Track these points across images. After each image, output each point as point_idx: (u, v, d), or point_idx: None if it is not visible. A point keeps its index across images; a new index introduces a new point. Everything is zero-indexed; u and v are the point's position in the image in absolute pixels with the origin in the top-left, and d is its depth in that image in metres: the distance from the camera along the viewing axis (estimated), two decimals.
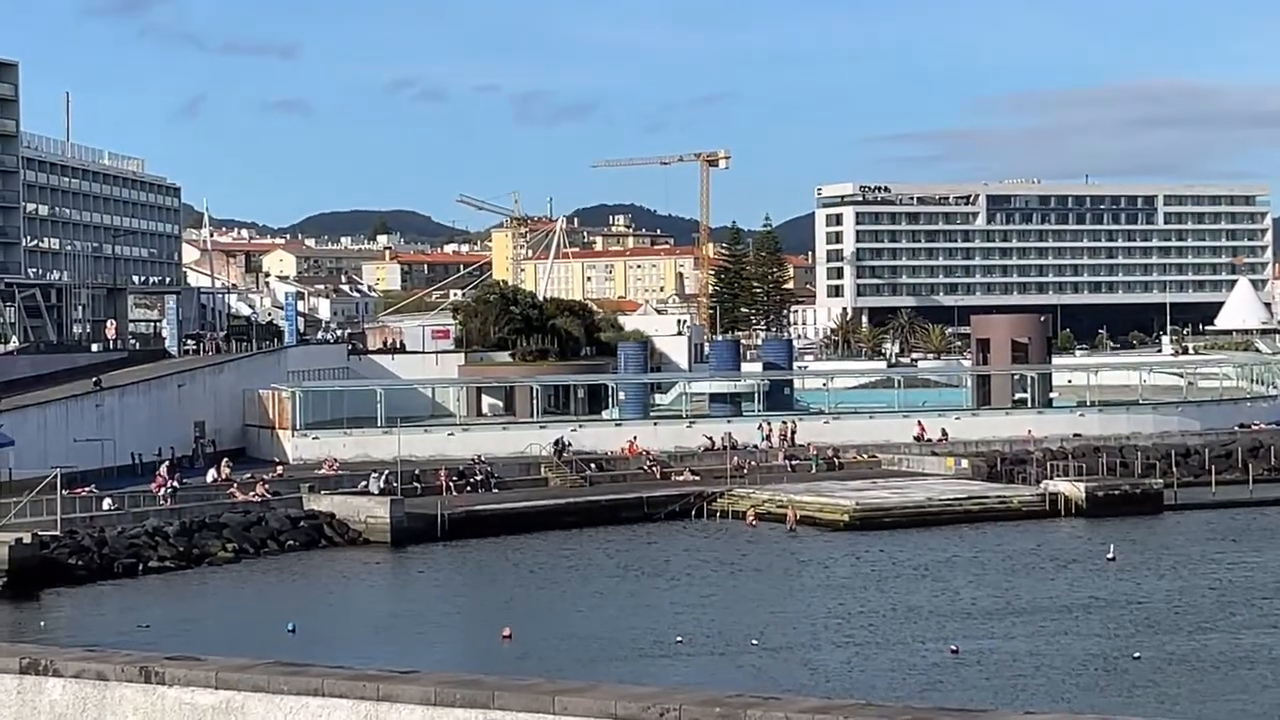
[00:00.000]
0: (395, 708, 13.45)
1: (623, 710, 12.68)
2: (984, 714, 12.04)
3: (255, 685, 13.98)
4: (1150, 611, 68.84)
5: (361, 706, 13.56)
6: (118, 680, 14.65)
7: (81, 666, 14.83)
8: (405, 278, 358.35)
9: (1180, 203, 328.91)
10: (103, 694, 14.76)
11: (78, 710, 14.86)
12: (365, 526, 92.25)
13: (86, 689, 14.82)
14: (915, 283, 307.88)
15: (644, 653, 61.99)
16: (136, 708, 14.57)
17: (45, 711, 15.02)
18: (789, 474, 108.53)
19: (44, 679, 15.00)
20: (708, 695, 12.72)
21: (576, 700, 12.86)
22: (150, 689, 14.48)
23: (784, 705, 12.43)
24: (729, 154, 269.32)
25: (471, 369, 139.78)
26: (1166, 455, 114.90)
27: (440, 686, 13.32)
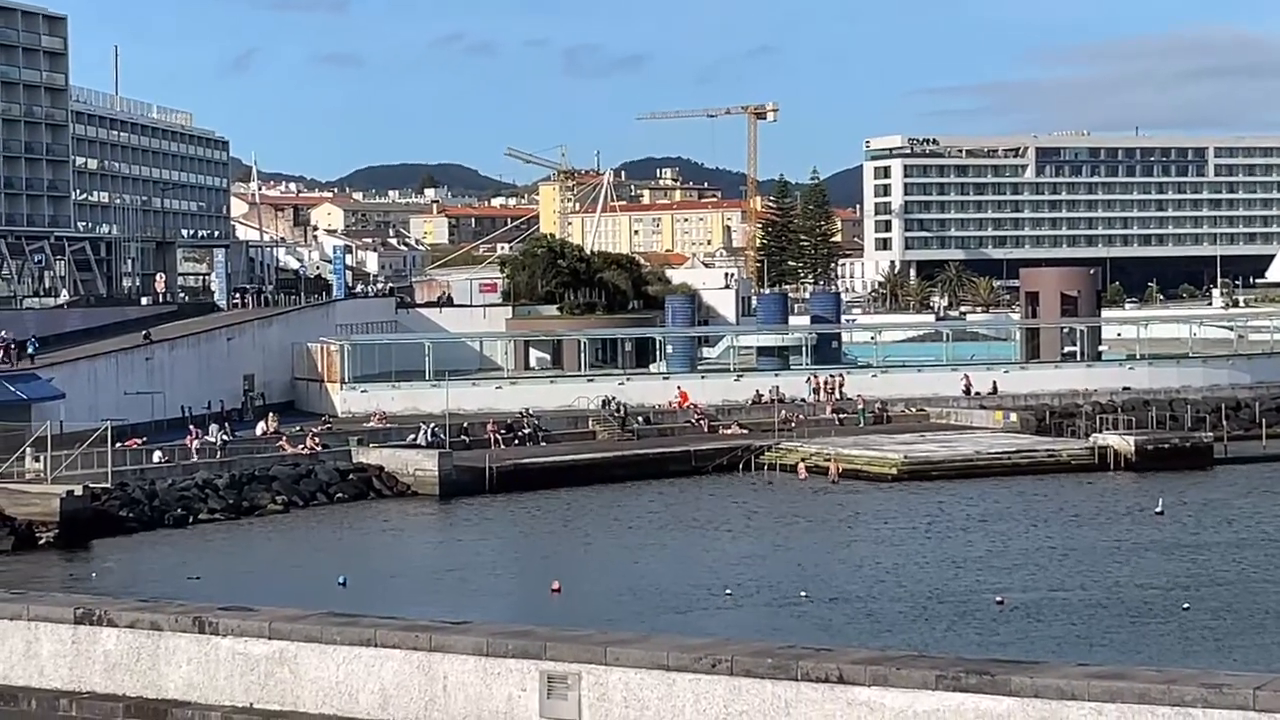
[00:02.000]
0: (448, 658, 13.52)
1: (674, 661, 12.72)
2: (1036, 665, 12.03)
3: (308, 636, 14.07)
4: (1199, 564, 68.59)
5: (414, 657, 13.64)
6: (171, 630, 14.75)
7: (135, 616, 14.92)
8: (452, 231, 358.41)
9: (1231, 154, 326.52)
10: (156, 644, 14.86)
11: (131, 660, 14.97)
12: (413, 479, 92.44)
13: (140, 639, 14.93)
14: (963, 236, 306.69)
15: (692, 605, 61.98)
16: (190, 658, 14.67)
17: (99, 661, 15.14)
18: (836, 427, 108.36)
19: (98, 629, 15.11)
20: (759, 646, 12.74)
21: (628, 651, 12.90)
22: (204, 639, 14.58)
23: (835, 656, 12.45)
24: (776, 106, 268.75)
25: (519, 322, 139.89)
26: (1216, 409, 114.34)
27: (493, 637, 13.38)
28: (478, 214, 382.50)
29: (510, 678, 13.48)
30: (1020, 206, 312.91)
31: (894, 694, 12.20)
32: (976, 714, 12.04)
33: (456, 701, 13.78)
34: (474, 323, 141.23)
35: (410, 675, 13.88)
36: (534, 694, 13.42)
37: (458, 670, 13.70)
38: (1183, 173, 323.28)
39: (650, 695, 13.00)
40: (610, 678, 13.09)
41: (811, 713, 12.51)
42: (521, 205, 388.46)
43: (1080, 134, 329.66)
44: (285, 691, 14.44)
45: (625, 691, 13.09)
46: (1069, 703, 11.70)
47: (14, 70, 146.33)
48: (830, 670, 12.32)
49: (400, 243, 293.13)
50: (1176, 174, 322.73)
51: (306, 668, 14.31)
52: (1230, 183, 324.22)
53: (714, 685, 12.74)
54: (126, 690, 15.18)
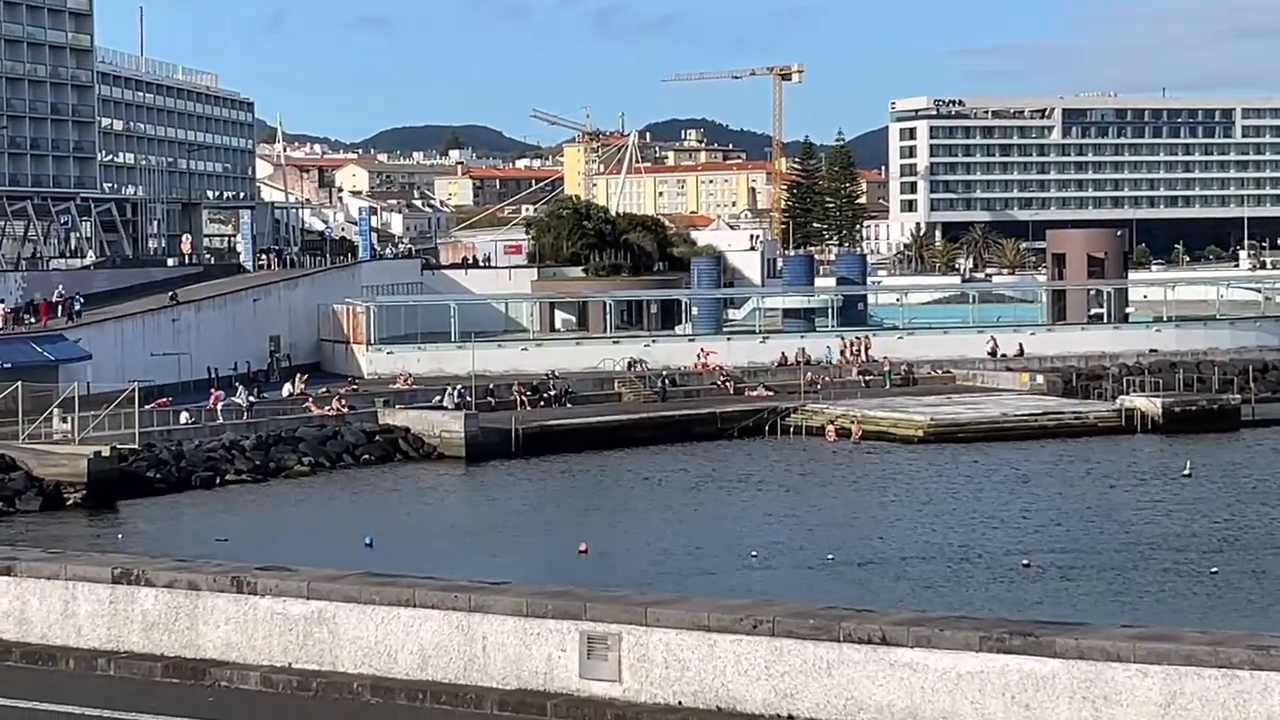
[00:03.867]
0: (487, 618, 13.46)
1: (715, 622, 12.66)
2: (1081, 627, 11.95)
3: (347, 596, 14.01)
4: (1227, 527, 68.45)
5: (453, 617, 13.58)
6: (210, 590, 14.71)
7: (173, 576, 14.88)
8: (477, 193, 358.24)
9: (1259, 116, 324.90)
10: (195, 604, 14.82)
11: (169, 620, 14.93)
12: (440, 441, 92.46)
13: (179, 598, 14.89)
14: (989, 197, 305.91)
15: (718, 568, 62.00)
16: (228, 617, 14.63)
17: (138, 621, 15.10)
18: (863, 389, 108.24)
19: (136, 589, 15.07)
20: (801, 607, 12.68)
21: (669, 612, 12.84)
22: (242, 599, 14.55)
23: (878, 617, 12.39)
24: (802, 68, 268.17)
25: (545, 284, 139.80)
26: (1244, 371, 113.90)
27: (532, 598, 13.32)
28: (502, 175, 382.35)
29: (550, 638, 13.42)
30: (1046, 168, 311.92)
31: (937, 655, 12.12)
32: (1021, 675, 11.95)
33: (495, 662, 13.72)
34: (499, 284, 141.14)
35: (449, 635, 13.82)
36: (574, 654, 13.36)
37: (497, 630, 13.64)
38: (1210, 134, 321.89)
39: (691, 656, 12.93)
40: (651, 638, 13.03)
41: (854, 674, 12.44)
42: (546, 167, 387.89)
43: (1107, 95, 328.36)
44: (324, 651, 14.38)
45: (666, 652, 13.03)
46: (1114, 664, 11.61)
47: (40, 31, 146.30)
48: (873, 631, 12.24)
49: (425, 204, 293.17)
50: (1203, 135, 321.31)
51: (345, 628, 14.25)
52: (1258, 144, 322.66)
53: (755, 646, 12.67)
54: (164, 650, 15.14)
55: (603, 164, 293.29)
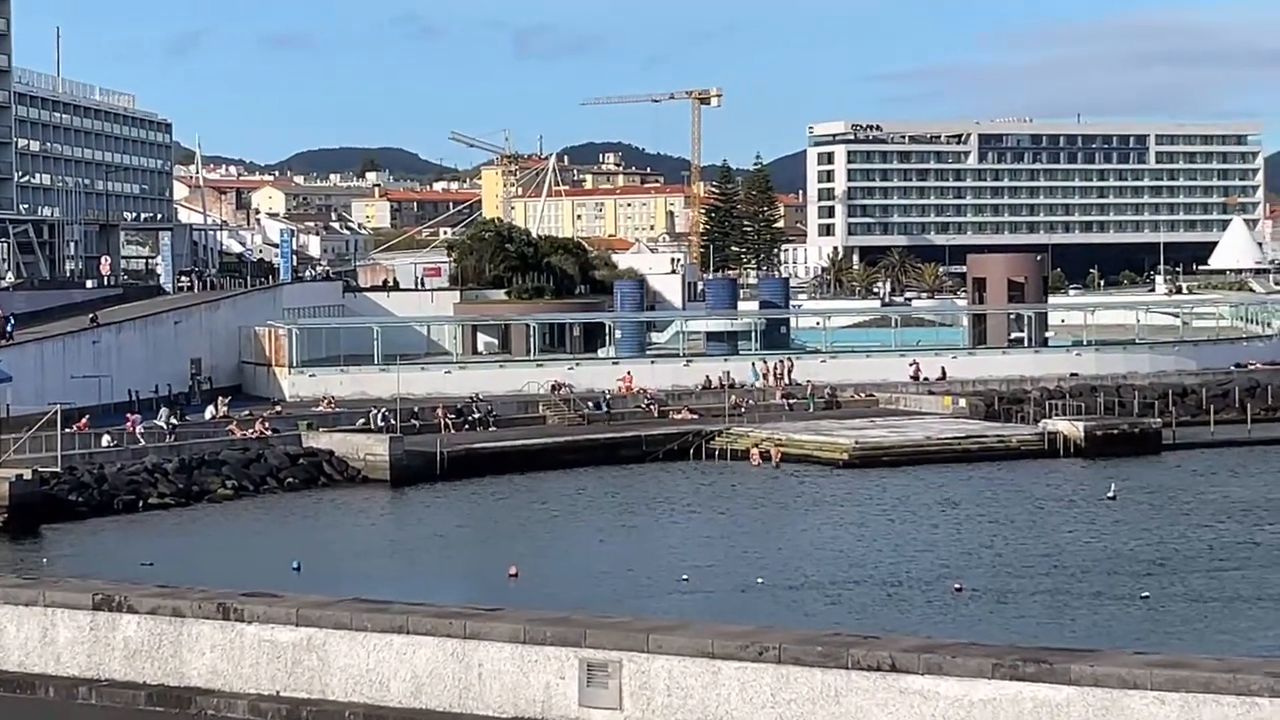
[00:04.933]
0: (483, 645, 13.26)
1: (719, 649, 12.50)
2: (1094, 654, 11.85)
3: (337, 623, 13.78)
4: (1155, 550, 68.74)
5: (448, 644, 13.37)
6: (195, 617, 14.44)
7: (157, 602, 14.61)
8: (395, 215, 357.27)
9: (1172, 142, 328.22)
10: (179, 630, 14.55)
11: (153, 646, 14.65)
12: (364, 464, 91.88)
13: (162, 625, 14.62)
14: (906, 221, 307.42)
15: (651, 591, 61.80)
16: (214, 644, 14.37)
17: (119, 648, 14.82)
18: (786, 412, 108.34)
19: (118, 615, 14.80)
20: (805, 634, 12.53)
21: (671, 638, 12.67)
22: (229, 625, 14.28)
23: (886, 644, 12.25)
24: (721, 92, 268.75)
25: (467, 307, 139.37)
26: (1164, 395, 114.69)
27: (530, 624, 13.13)
28: (420, 198, 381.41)
29: (548, 665, 13.23)
30: (963, 193, 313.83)
31: (949, 683, 11.99)
32: (1035, 703, 11.85)
33: (492, 690, 13.52)
34: (421, 307, 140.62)
35: (444, 663, 13.60)
36: (573, 682, 13.18)
37: (493, 658, 13.43)
38: (1124, 160, 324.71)
39: (694, 684, 12.77)
40: (653, 666, 12.85)
41: (863, 702, 12.30)
42: (464, 190, 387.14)
43: (1023, 120, 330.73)
44: (313, 679, 14.14)
45: (668, 680, 12.85)
46: (1131, 692, 11.52)
47: None
48: (882, 658, 12.11)
49: (343, 226, 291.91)
50: (1118, 161, 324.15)
51: (335, 655, 14.01)
52: (1171, 170, 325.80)
53: (761, 674, 12.51)
54: (147, 678, 14.86)
55: (521, 187, 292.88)
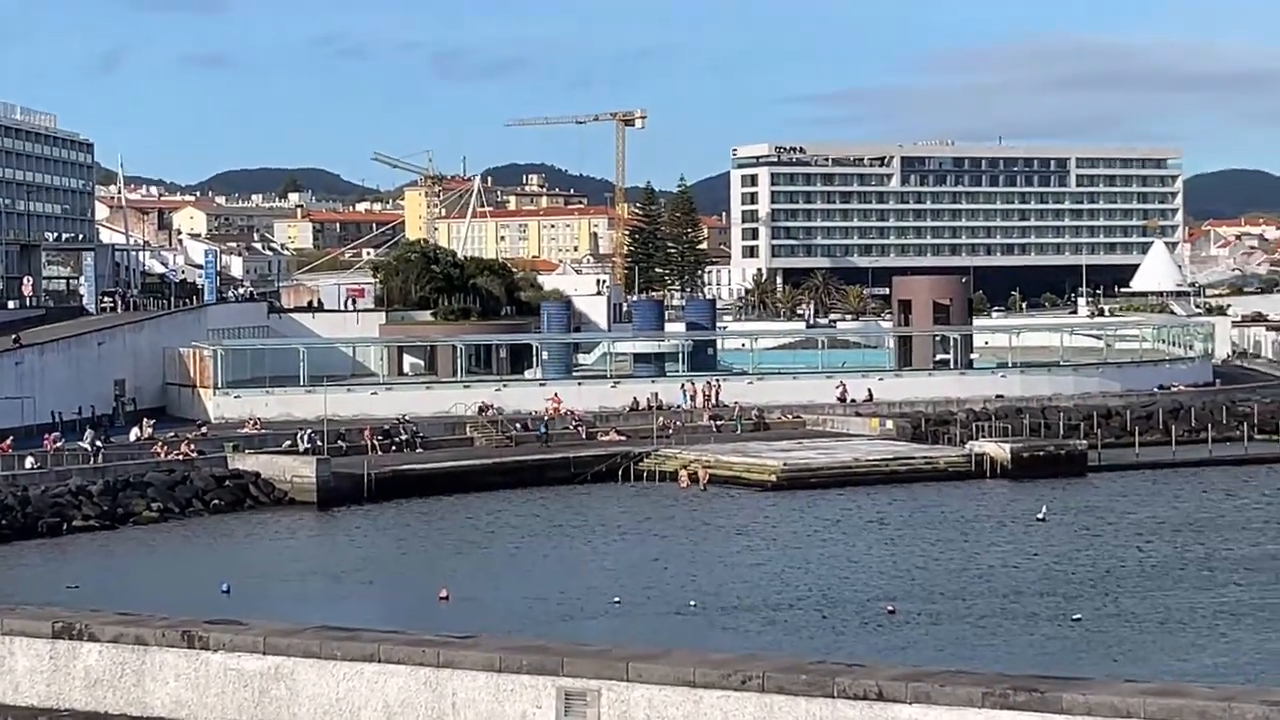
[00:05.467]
0: (457, 674, 12.99)
1: (701, 677, 12.27)
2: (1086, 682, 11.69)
3: (306, 651, 13.48)
4: (1085, 572, 68.97)
5: (421, 673, 13.10)
6: (158, 645, 14.12)
7: (119, 630, 14.28)
8: (317, 236, 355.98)
9: (1092, 165, 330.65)
10: (142, 659, 14.22)
11: (115, 676, 14.32)
12: (291, 486, 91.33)
13: (125, 654, 14.29)
14: (829, 244, 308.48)
15: (584, 613, 61.62)
16: (179, 674, 14.05)
17: (80, 677, 14.48)
18: (714, 434, 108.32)
19: (79, 644, 14.45)
20: (790, 662, 12.32)
21: (652, 667, 12.43)
22: (193, 654, 13.97)
23: (873, 672, 12.06)
24: (645, 114, 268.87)
25: (393, 328, 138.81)
26: (1088, 416, 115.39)
27: (505, 652, 12.87)
28: (342, 219, 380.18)
29: (524, 694, 12.97)
30: (885, 215, 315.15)
31: (937, 712, 11.81)
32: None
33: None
34: (347, 328, 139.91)
35: (416, 692, 13.34)
36: (550, 712, 12.94)
37: (468, 687, 13.17)
38: (1045, 182, 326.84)
39: (675, 713, 12.55)
40: (632, 695, 12.62)
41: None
42: (386, 210, 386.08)
43: (945, 143, 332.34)
44: (281, 709, 13.85)
45: (649, 709, 12.63)
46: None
47: None
48: (869, 687, 11.92)
49: (265, 247, 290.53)
50: (1039, 184, 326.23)
51: (304, 684, 13.71)
52: (1091, 193, 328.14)
53: (744, 703, 12.30)
54: (109, 708, 14.54)
55: (444, 208, 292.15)
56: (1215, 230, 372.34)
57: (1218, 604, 62.14)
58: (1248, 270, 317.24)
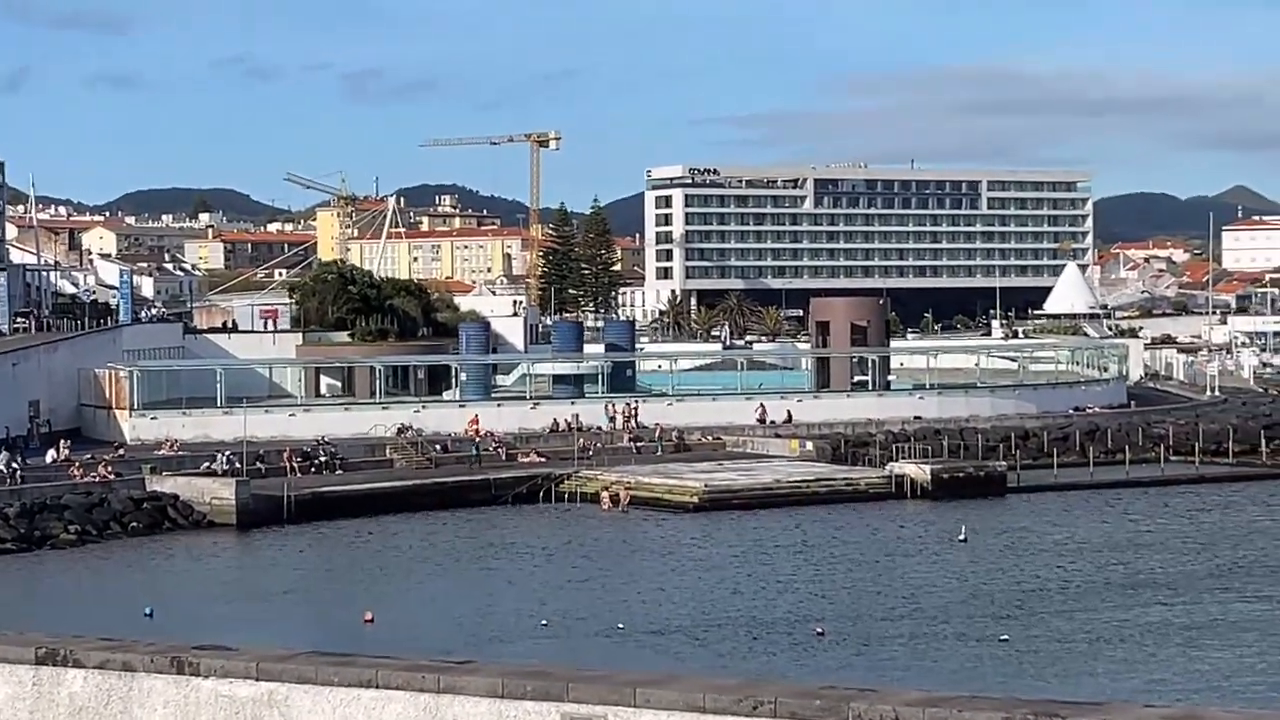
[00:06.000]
0: (458, 700, 12.75)
1: (711, 703, 12.09)
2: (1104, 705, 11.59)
3: (300, 676, 13.21)
4: (1010, 592, 69.23)
5: (421, 699, 12.85)
6: (146, 671, 13.82)
7: (105, 656, 13.97)
8: (229, 257, 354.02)
9: (1004, 188, 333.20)
10: (129, 686, 13.91)
11: (100, 703, 14.00)
12: (210, 508, 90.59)
13: (111, 680, 13.98)
14: (743, 265, 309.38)
15: (511, 636, 61.33)
16: (167, 700, 13.75)
17: (64, 704, 14.15)
18: (635, 455, 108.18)
19: (63, 670, 14.12)
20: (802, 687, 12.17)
21: (660, 693, 12.24)
22: (183, 680, 13.67)
23: (888, 696, 11.92)
24: (559, 135, 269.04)
25: (310, 349, 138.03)
26: (1006, 438, 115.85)
27: (507, 677, 12.65)
28: (254, 239, 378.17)
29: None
30: (799, 237, 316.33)
31: None
32: None
33: None
34: (263, 349, 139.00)
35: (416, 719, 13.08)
36: None
37: (469, 713, 12.94)
38: (957, 205, 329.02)
39: None
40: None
41: None
42: (298, 231, 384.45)
43: (858, 166, 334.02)
44: None
45: None
46: None
47: None
48: (885, 711, 11.78)
49: (176, 268, 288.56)
50: (951, 206, 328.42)
51: (298, 711, 13.45)
52: (1003, 216, 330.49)
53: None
54: None
55: (356, 229, 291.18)
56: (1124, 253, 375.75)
57: (1144, 623, 62.51)
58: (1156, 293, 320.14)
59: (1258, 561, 77.41)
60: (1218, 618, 63.77)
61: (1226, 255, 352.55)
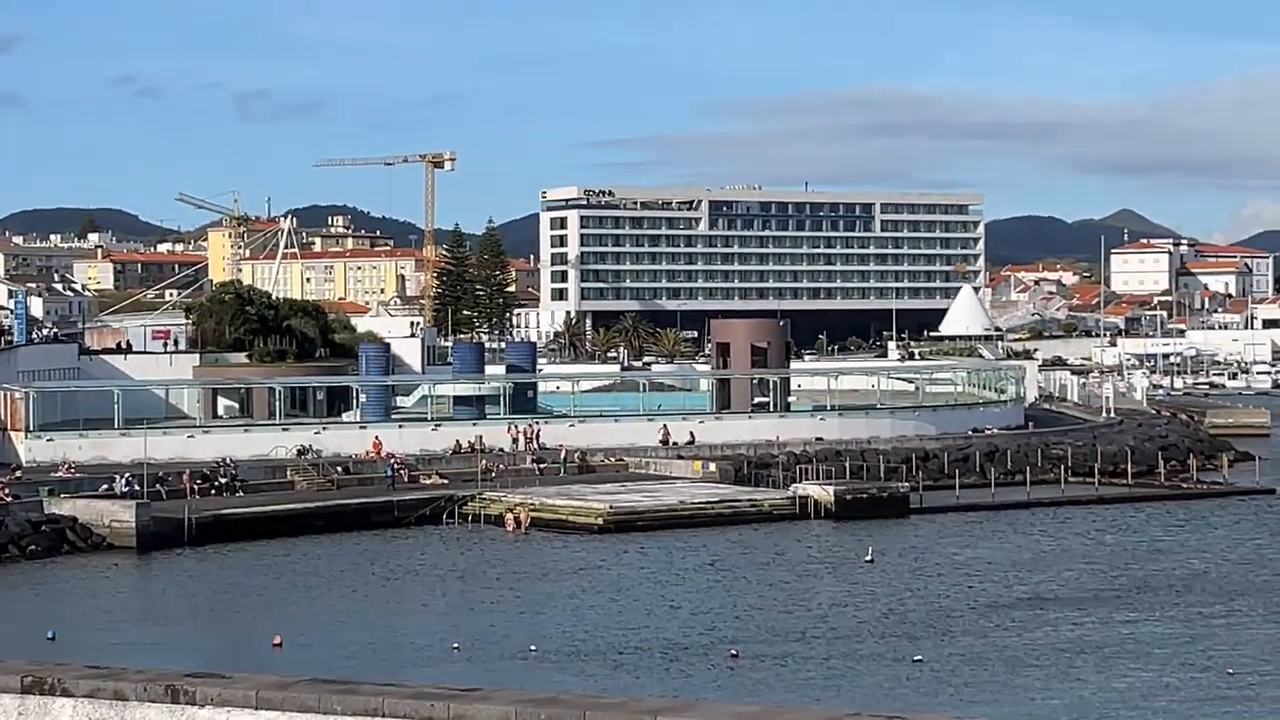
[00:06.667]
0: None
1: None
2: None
3: (303, 705, 12.82)
4: (920, 613, 69.37)
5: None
6: (139, 700, 13.39)
7: (95, 685, 13.53)
8: (119, 277, 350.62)
9: (897, 211, 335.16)
10: (122, 715, 13.48)
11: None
12: (110, 530, 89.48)
13: (103, 710, 13.54)
14: (638, 287, 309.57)
15: (424, 659, 60.84)
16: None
17: None
18: (538, 477, 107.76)
19: (50, 699, 13.67)
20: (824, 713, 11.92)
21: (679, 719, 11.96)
22: (178, 710, 13.26)
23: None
24: (454, 155, 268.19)
25: (207, 370, 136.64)
26: (907, 459, 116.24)
27: (520, 705, 12.32)
28: (144, 260, 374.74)
29: None
30: (694, 259, 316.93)
31: None
32: None
33: None
34: (160, 370, 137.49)
35: None
36: None
37: None
38: (850, 227, 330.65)
39: None
40: None
41: None
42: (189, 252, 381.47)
43: (752, 188, 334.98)
44: None
45: None
46: None
47: None
48: None
49: (66, 288, 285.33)
50: (845, 228, 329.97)
51: None
52: (895, 238, 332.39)
53: None
54: None
55: (248, 249, 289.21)
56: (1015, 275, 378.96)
57: (1056, 643, 62.83)
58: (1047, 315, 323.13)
59: (1162, 581, 78.03)
60: (1129, 636, 64.20)
61: (1115, 278, 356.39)
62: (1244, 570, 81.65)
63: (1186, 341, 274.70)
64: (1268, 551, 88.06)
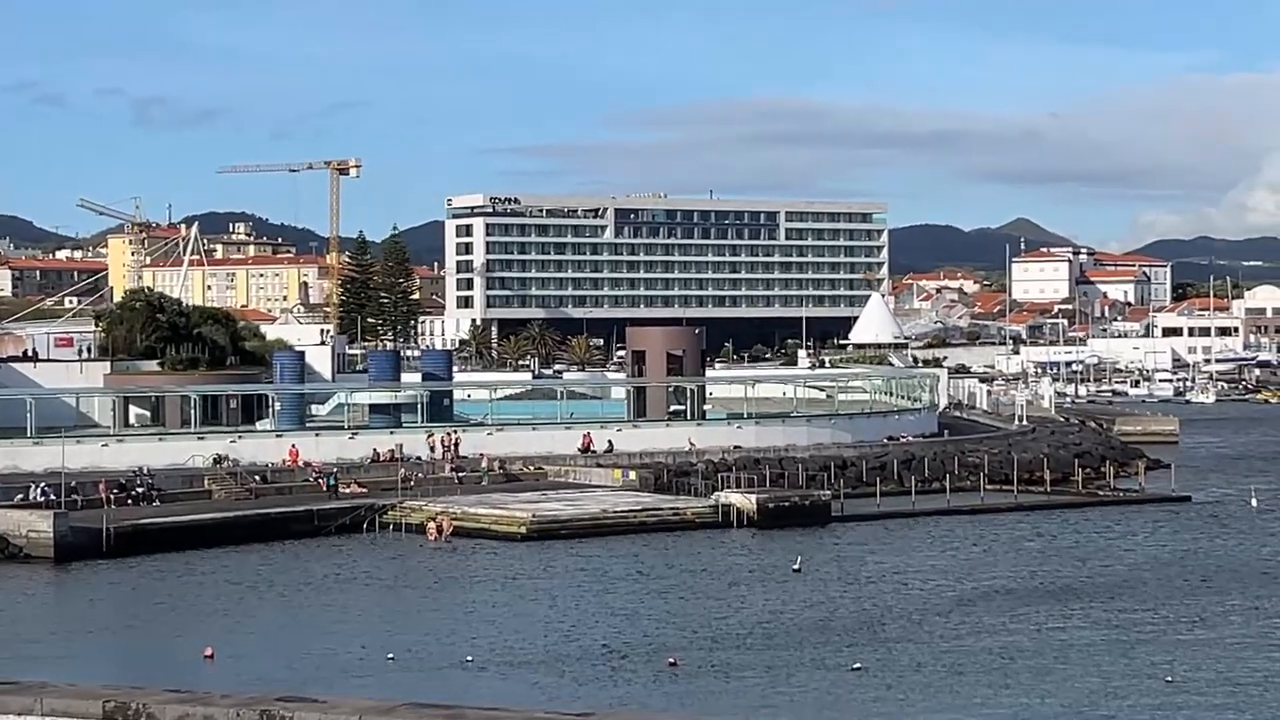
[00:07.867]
0: None
1: None
2: None
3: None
4: (853, 620, 69.36)
5: None
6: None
7: (183, 710, 13.04)
8: (17, 284, 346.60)
9: (801, 219, 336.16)
10: None
11: None
12: (26, 541, 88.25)
13: None
14: (545, 294, 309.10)
15: (360, 670, 60.22)
16: None
17: None
18: (458, 485, 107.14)
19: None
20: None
21: None
22: None
23: None
24: (360, 163, 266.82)
25: (119, 378, 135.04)
26: (826, 466, 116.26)
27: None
28: (43, 266, 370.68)
29: None
30: (600, 266, 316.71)
31: None
32: None
33: None
34: (70, 378, 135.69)
35: None
36: None
37: None
38: (755, 235, 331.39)
39: None
40: None
41: None
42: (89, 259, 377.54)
43: (658, 196, 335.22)
44: None
45: None
46: None
47: None
48: None
49: None
50: (750, 237, 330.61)
51: None
52: (800, 246, 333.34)
53: None
54: None
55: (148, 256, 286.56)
56: (917, 283, 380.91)
57: (993, 648, 63.00)
58: (949, 323, 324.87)
59: (1087, 587, 78.40)
60: (1064, 642, 64.37)
61: (1016, 286, 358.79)
62: (1169, 575, 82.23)
63: (1089, 349, 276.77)
64: (1188, 557, 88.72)
